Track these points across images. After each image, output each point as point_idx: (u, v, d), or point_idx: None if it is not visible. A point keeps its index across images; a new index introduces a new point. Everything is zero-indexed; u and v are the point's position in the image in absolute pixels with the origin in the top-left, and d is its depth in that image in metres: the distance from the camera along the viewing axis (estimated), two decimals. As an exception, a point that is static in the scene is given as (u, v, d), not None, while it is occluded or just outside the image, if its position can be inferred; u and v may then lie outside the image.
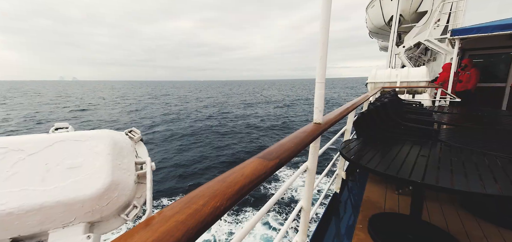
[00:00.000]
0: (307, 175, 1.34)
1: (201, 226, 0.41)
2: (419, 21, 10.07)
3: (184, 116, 25.26)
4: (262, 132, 17.22)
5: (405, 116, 3.26)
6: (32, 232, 0.56)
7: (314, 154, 1.30)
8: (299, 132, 1.03)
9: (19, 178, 0.57)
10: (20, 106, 34.40)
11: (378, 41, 19.46)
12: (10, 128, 19.32)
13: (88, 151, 0.68)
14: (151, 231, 0.38)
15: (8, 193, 0.54)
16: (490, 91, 6.85)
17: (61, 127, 0.76)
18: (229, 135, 16.13)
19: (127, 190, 0.69)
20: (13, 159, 0.59)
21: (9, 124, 21.06)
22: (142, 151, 0.88)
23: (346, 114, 1.78)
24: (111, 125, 20.76)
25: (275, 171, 0.71)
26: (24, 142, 0.63)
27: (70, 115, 26.08)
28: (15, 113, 27.28)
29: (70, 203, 0.58)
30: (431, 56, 12.47)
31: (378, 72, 6.92)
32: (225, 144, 14.10)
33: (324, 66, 1.12)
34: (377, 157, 1.64)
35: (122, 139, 0.79)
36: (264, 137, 15.84)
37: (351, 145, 2.01)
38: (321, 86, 1.16)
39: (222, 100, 44.30)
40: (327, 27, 1.06)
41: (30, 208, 0.55)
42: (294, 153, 0.84)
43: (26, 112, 27.78)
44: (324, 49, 1.09)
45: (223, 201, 0.49)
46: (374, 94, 3.88)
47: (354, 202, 2.39)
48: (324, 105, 1.21)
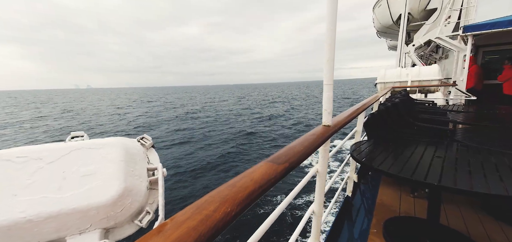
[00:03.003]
0: (318, 178, 1.32)
1: (213, 232, 0.41)
2: (428, 18, 9.85)
3: (191, 118, 25.71)
4: (269, 134, 17.04)
5: (417, 116, 3.17)
6: (51, 239, 0.58)
7: (324, 157, 1.28)
8: (308, 135, 1.02)
9: (38, 186, 0.59)
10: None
11: (387, 40, 19.13)
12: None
13: (102, 158, 0.69)
14: (164, 238, 0.38)
15: (28, 201, 0.56)
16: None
17: (77, 136, 0.79)
18: (237, 137, 16.14)
19: (140, 196, 0.71)
20: (33, 168, 0.62)
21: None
22: (154, 157, 0.89)
23: (356, 115, 1.75)
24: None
25: (284, 175, 0.70)
26: (43, 151, 0.65)
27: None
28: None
29: (85, 210, 0.60)
30: (443, 53, 12.14)
31: (388, 71, 6.79)
32: (232, 146, 14.09)
33: (331, 68, 1.11)
34: (390, 159, 1.60)
35: (134, 146, 0.81)
36: (271, 140, 15.67)
37: (362, 147, 1.97)
38: (329, 88, 1.15)
39: (232, 103, 44.73)
40: (333, 28, 1.05)
41: (48, 215, 0.56)
42: (303, 156, 0.83)
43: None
44: (331, 50, 1.08)
45: (233, 207, 0.49)
46: (384, 94, 3.80)
47: (367, 206, 2.33)
48: (332, 106, 1.20)
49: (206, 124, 21.90)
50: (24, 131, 21.41)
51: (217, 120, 24.00)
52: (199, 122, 23.22)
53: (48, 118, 30.18)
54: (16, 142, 18.05)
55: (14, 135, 19.94)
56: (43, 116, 32.94)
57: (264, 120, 24.05)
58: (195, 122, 23.45)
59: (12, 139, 18.54)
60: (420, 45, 9.71)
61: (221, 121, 23.36)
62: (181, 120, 24.78)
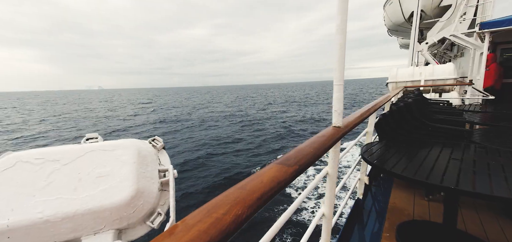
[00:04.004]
0: (328, 180, 1.30)
1: (224, 236, 0.41)
2: (442, 15, 9.53)
3: (199, 119, 25.89)
4: (277, 134, 16.80)
5: (432, 116, 3.07)
6: (67, 239, 0.59)
7: (335, 158, 1.26)
8: (318, 136, 1.01)
9: (54, 187, 0.61)
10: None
11: (398, 39, 18.67)
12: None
13: (115, 160, 0.71)
14: (175, 240, 0.38)
15: (45, 202, 0.58)
16: None
17: (92, 138, 0.81)
18: (246, 139, 16.00)
19: (152, 198, 0.72)
20: (49, 169, 0.64)
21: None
22: (165, 159, 0.90)
23: (367, 116, 1.71)
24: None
25: (295, 177, 0.69)
26: (59, 152, 0.68)
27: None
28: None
29: (99, 211, 0.61)
30: (458, 51, 11.71)
31: (400, 70, 6.61)
32: (241, 147, 13.97)
33: (342, 68, 1.09)
34: (403, 161, 1.55)
35: (145, 148, 0.82)
36: (277, 140, 15.40)
37: (374, 149, 1.92)
38: (340, 88, 1.13)
39: (240, 104, 44.88)
40: (344, 28, 1.04)
41: (65, 216, 0.58)
42: (313, 158, 0.81)
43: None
44: (342, 50, 1.06)
45: (244, 209, 0.48)
46: (396, 94, 3.70)
47: (379, 209, 2.27)
48: (343, 107, 1.18)
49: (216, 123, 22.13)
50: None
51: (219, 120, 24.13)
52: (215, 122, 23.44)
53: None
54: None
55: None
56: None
57: (268, 119, 23.97)
58: (220, 122, 23.68)
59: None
60: (434, 43, 9.41)
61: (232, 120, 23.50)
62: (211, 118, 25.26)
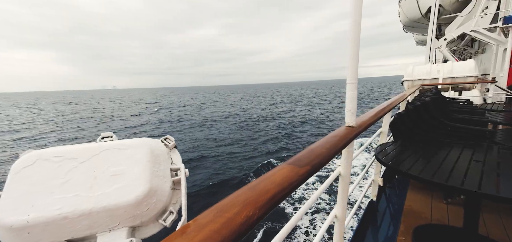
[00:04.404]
0: (340, 181, 1.27)
1: (235, 236, 0.41)
2: (462, 10, 9.09)
3: (208, 118, 26.21)
4: (277, 136, 16.40)
5: (451, 116, 2.93)
6: (83, 235, 0.61)
7: (348, 159, 1.23)
8: (330, 136, 0.98)
9: (72, 184, 0.63)
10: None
11: (414, 35, 18.00)
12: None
13: (129, 159, 0.72)
14: (187, 240, 0.38)
15: (63, 199, 0.61)
16: None
17: (107, 136, 0.83)
18: (243, 141, 15.79)
19: (164, 197, 0.73)
20: (67, 167, 0.66)
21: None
22: (177, 158, 0.91)
23: (382, 115, 1.66)
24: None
25: (306, 178, 0.68)
26: (76, 151, 0.70)
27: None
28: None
29: (114, 209, 0.63)
30: (479, 48, 11.14)
31: (416, 68, 6.37)
32: (236, 150, 13.77)
33: (355, 66, 1.06)
34: (421, 163, 1.49)
35: (158, 147, 0.84)
36: (275, 142, 15.01)
37: (388, 149, 1.86)
38: (353, 87, 1.10)
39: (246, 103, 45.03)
40: (358, 24, 1.00)
41: (81, 213, 0.60)
42: (326, 159, 0.80)
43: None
44: (355, 47, 1.03)
45: (255, 210, 0.48)
46: (412, 92, 3.57)
47: (393, 211, 2.20)
48: (357, 106, 1.14)
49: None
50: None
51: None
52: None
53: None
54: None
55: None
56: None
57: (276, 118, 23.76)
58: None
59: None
60: (453, 39, 9.00)
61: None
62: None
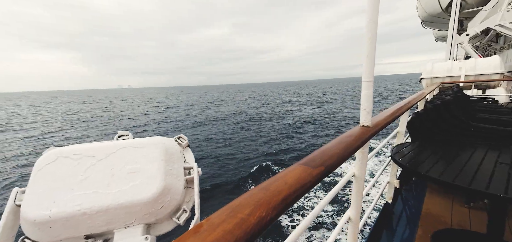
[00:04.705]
0: (355, 182, 1.23)
1: (248, 237, 0.40)
2: (486, 3, 8.57)
3: (217, 117, 26.49)
4: (277, 137, 16.15)
5: (474, 115, 2.77)
6: (101, 231, 0.64)
7: (362, 159, 1.19)
8: (345, 136, 0.96)
9: (90, 181, 0.66)
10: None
11: (433, 31, 17.21)
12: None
13: (144, 157, 0.74)
14: (200, 239, 0.38)
15: (82, 195, 0.63)
16: None
17: (123, 135, 0.86)
18: (244, 141, 15.73)
19: (178, 195, 0.74)
20: (86, 164, 0.69)
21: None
22: (189, 157, 0.92)
23: (399, 115, 1.60)
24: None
25: (320, 180, 0.66)
26: (95, 148, 0.72)
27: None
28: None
29: (130, 206, 0.65)
30: (505, 43, 10.47)
31: (436, 65, 6.08)
32: (250, 148, 13.75)
33: (371, 63, 1.03)
34: (441, 165, 1.42)
35: (172, 146, 0.85)
36: (285, 141, 14.92)
37: (405, 150, 1.79)
38: (369, 85, 1.06)
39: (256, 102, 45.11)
40: (375, 20, 0.97)
41: (99, 209, 0.62)
42: (340, 160, 0.78)
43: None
44: (372, 44, 0.99)
45: (268, 211, 0.47)
46: (431, 91, 3.41)
47: (410, 215, 2.12)
48: (372, 105, 1.11)
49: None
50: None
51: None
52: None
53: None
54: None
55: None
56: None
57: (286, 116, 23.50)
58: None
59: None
60: (476, 34, 8.52)
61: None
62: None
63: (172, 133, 19.06)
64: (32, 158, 13.29)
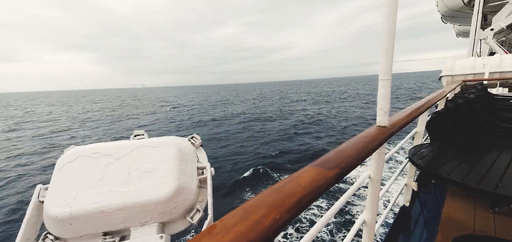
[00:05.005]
0: (371, 184, 1.19)
1: (262, 240, 0.40)
2: (514, -5, 8.04)
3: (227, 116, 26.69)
4: (289, 137, 15.92)
5: (500, 115, 2.61)
6: (118, 228, 0.65)
7: (379, 161, 1.15)
8: (361, 136, 0.93)
9: (108, 180, 0.68)
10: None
11: (454, 26, 16.36)
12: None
13: (159, 157, 0.75)
14: (215, 240, 0.38)
15: (101, 193, 0.65)
16: None
17: (139, 134, 0.88)
18: (245, 142, 15.55)
19: (191, 194, 0.74)
20: (104, 163, 0.71)
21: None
22: (203, 157, 0.93)
23: (417, 114, 1.53)
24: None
25: (335, 182, 0.64)
26: (112, 147, 0.74)
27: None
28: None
29: (146, 205, 0.66)
30: (535, 37, 9.77)
31: (457, 62, 5.77)
32: (249, 149, 13.56)
33: (389, 61, 0.99)
34: (463, 167, 1.35)
35: (186, 146, 0.86)
36: (286, 142, 14.59)
37: (424, 151, 1.72)
38: (386, 84, 1.03)
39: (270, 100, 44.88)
40: (394, 16, 0.93)
41: (117, 207, 0.64)
42: (356, 161, 0.75)
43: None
44: (390, 41, 0.96)
45: (282, 214, 0.46)
46: (452, 89, 3.25)
47: (429, 219, 2.03)
48: (390, 105, 1.06)
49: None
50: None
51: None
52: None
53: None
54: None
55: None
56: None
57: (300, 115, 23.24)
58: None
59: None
60: (502, 29, 8.00)
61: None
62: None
63: (174, 132, 19.30)
64: (34, 158, 13.59)
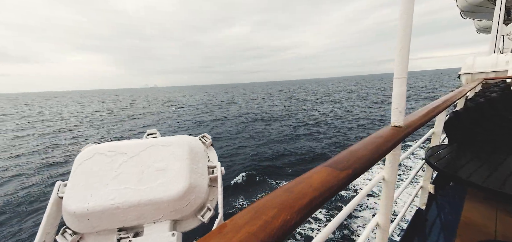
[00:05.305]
0: (385, 186, 1.16)
1: (273, 241, 0.40)
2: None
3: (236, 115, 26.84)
4: (290, 138, 15.71)
5: None
6: (132, 225, 0.67)
7: (393, 162, 1.12)
8: (374, 137, 0.90)
9: (123, 177, 0.70)
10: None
11: (475, 22, 15.61)
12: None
13: (171, 155, 0.77)
14: (225, 239, 0.38)
15: (116, 190, 0.67)
16: None
17: (152, 133, 0.90)
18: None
19: (202, 193, 0.75)
20: (119, 161, 0.73)
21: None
22: (213, 156, 0.94)
23: (435, 114, 1.47)
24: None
25: (347, 183, 0.63)
26: (127, 146, 0.77)
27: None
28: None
29: (158, 202, 0.68)
30: None
31: (478, 59, 5.49)
32: (247, 150, 13.41)
33: (405, 59, 0.95)
34: (485, 169, 1.28)
35: (196, 144, 0.87)
36: (285, 144, 14.37)
37: (442, 153, 1.65)
38: (402, 83, 0.99)
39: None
40: (410, 11, 0.89)
41: (131, 204, 0.66)
42: (369, 162, 0.73)
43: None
44: (406, 38, 0.92)
45: (292, 215, 0.46)
46: (473, 88, 3.09)
47: (446, 223, 1.94)
48: (405, 104, 1.03)
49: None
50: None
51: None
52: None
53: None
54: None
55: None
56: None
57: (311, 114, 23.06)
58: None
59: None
60: (527, 23, 7.53)
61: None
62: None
63: (175, 132, 19.56)
64: (33, 158, 13.90)
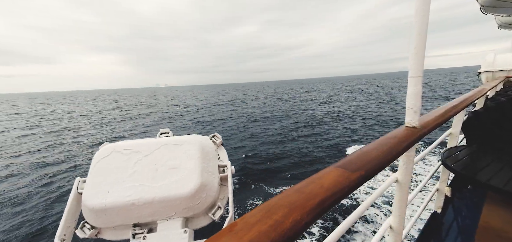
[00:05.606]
0: (398, 188, 1.13)
1: (284, 241, 0.40)
2: None
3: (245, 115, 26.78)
4: (291, 139, 15.41)
5: None
6: (147, 221, 0.70)
7: (408, 164, 1.09)
8: (387, 137, 0.88)
9: (138, 175, 0.72)
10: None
11: (496, 17, 14.83)
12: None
13: (183, 154, 0.79)
14: (236, 238, 0.39)
15: (132, 187, 0.70)
16: None
17: (164, 132, 0.92)
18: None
19: (213, 192, 0.77)
20: (135, 159, 0.76)
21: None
22: (223, 155, 0.95)
23: (452, 114, 1.41)
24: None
25: (359, 185, 0.62)
26: (141, 144, 0.79)
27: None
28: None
29: (172, 200, 0.70)
30: None
31: (499, 56, 5.22)
32: (245, 151, 13.27)
33: (421, 57, 0.92)
34: (506, 172, 1.23)
35: (208, 144, 0.89)
36: (284, 146, 14.05)
37: (460, 154, 1.58)
38: (417, 82, 0.96)
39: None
40: (426, 7, 0.86)
41: (146, 201, 0.68)
42: (381, 164, 0.72)
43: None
44: (422, 35, 0.89)
45: (303, 215, 0.46)
46: (493, 87, 2.95)
47: (464, 227, 1.87)
48: (421, 104, 1.00)
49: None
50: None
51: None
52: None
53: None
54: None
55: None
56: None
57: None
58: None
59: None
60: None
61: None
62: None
63: (176, 132, 19.86)
64: (33, 157, 14.00)
